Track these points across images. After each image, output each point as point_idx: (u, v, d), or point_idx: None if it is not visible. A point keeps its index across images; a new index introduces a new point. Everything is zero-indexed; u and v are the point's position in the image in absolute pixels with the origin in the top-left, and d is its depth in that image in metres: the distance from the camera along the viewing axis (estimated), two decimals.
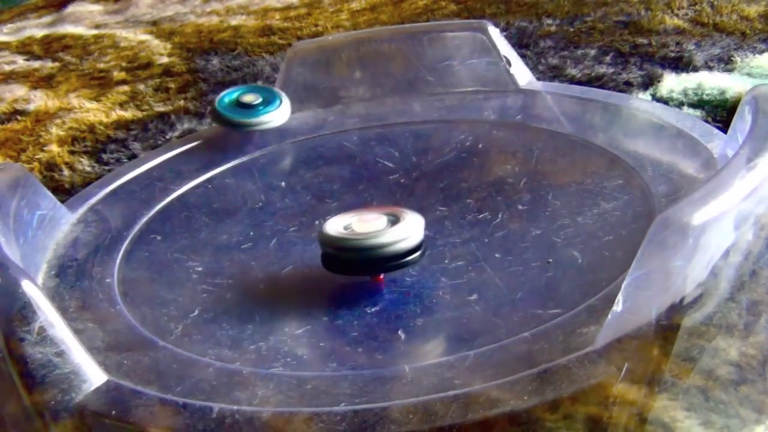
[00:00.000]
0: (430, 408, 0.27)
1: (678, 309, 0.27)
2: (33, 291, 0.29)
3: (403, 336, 0.33)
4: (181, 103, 0.70)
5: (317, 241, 0.37)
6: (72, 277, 0.40)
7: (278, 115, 0.52)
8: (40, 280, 0.39)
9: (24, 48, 0.94)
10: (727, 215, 0.28)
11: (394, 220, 0.36)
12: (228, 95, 0.52)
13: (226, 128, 0.52)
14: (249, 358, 0.32)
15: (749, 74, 0.60)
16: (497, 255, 0.37)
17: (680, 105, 0.57)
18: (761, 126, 0.32)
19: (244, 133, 0.52)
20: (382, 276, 0.36)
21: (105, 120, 0.69)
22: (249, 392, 0.30)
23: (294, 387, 0.30)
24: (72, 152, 0.63)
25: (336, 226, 0.37)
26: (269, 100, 0.52)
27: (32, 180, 0.43)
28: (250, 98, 0.52)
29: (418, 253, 0.36)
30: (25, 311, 0.29)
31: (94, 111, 0.71)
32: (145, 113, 0.69)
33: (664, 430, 0.27)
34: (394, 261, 0.35)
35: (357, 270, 0.36)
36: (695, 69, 0.62)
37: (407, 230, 0.36)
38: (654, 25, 0.72)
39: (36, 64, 0.88)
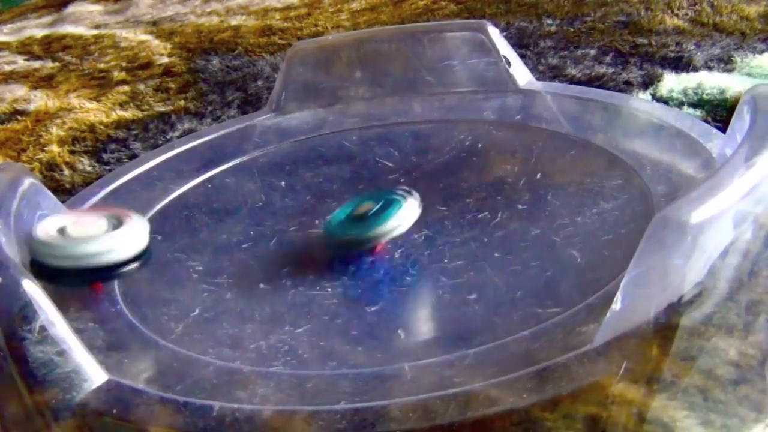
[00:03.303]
0: (430, 406, 0.27)
1: (676, 308, 0.27)
2: (34, 290, 0.29)
3: (402, 335, 0.33)
4: (181, 103, 0.70)
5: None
6: None
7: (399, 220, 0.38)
8: None
9: (24, 48, 0.94)
10: (725, 214, 0.28)
11: (116, 224, 0.35)
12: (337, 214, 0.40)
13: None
14: (249, 357, 0.32)
15: (749, 74, 0.60)
16: (497, 254, 0.37)
17: (680, 105, 0.57)
18: (760, 125, 0.32)
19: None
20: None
21: (105, 120, 0.69)
22: (249, 391, 0.30)
23: (294, 385, 0.30)
24: (72, 152, 0.64)
25: (48, 228, 0.34)
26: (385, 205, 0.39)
27: (33, 179, 0.43)
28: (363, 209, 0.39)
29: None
30: (26, 311, 0.29)
31: (95, 111, 0.71)
32: (145, 113, 0.69)
33: (663, 429, 0.28)
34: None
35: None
36: (695, 69, 0.62)
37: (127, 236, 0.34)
38: (654, 25, 0.72)
39: (36, 64, 0.88)
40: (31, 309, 0.29)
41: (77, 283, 0.35)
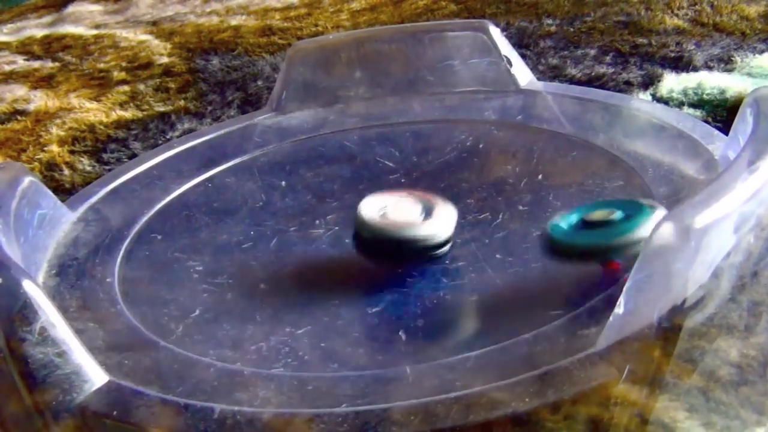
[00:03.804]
0: (432, 409, 0.27)
1: (679, 311, 0.27)
2: (34, 291, 0.29)
3: (404, 337, 0.33)
4: (181, 103, 0.70)
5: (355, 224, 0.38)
6: (72, 277, 0.39)
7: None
8: (40, 279, 0.39)
9: (24, 48, 0.94)
10: (728, 218, 0.28)
11: (429, 210, 0.38)
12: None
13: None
14: (250, 359, 0.32)
15: (749, 74, 0.60)
16: (498, 255, 0.37)
17: (680, 105, 0.57)
18: (763, 129, 0.32)
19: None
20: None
21: (105, 120, 0.69)
22: (250, 393, 0.30)
23: (295, 388, 0.30)
24: (72, 152, 0.63)
25: (372, 210, 0.38)
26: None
27: (32, 179, 0.43)
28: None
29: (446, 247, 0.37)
30: (26, 311, 0.29)
31: (94, 111, 0.71)
32: (145, 113, 0.69)
33: (664, 431, 0.27)
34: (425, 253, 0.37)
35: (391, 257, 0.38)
36: (695, 69, 0.62)
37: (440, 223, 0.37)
38: (654, 25, 0.72)
39: (36, 64, 0.87)
40: (32, 309, 0.29)
41: (396, 260, 0.38)
